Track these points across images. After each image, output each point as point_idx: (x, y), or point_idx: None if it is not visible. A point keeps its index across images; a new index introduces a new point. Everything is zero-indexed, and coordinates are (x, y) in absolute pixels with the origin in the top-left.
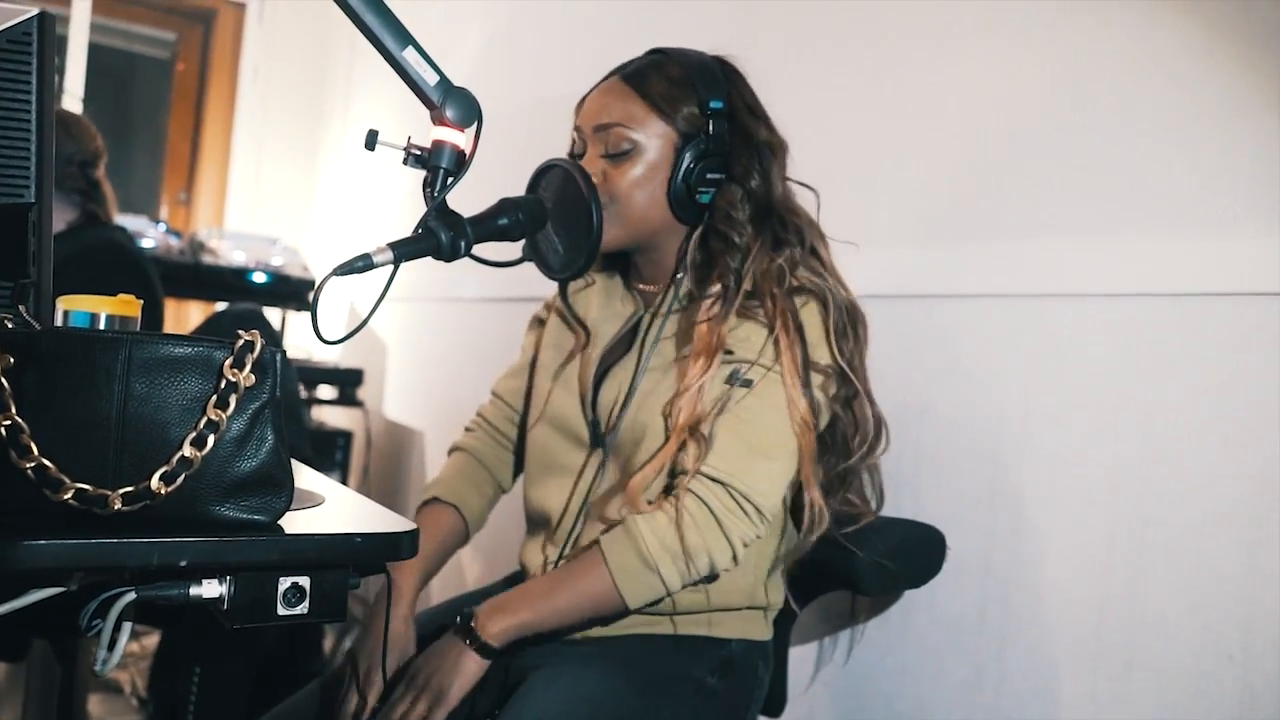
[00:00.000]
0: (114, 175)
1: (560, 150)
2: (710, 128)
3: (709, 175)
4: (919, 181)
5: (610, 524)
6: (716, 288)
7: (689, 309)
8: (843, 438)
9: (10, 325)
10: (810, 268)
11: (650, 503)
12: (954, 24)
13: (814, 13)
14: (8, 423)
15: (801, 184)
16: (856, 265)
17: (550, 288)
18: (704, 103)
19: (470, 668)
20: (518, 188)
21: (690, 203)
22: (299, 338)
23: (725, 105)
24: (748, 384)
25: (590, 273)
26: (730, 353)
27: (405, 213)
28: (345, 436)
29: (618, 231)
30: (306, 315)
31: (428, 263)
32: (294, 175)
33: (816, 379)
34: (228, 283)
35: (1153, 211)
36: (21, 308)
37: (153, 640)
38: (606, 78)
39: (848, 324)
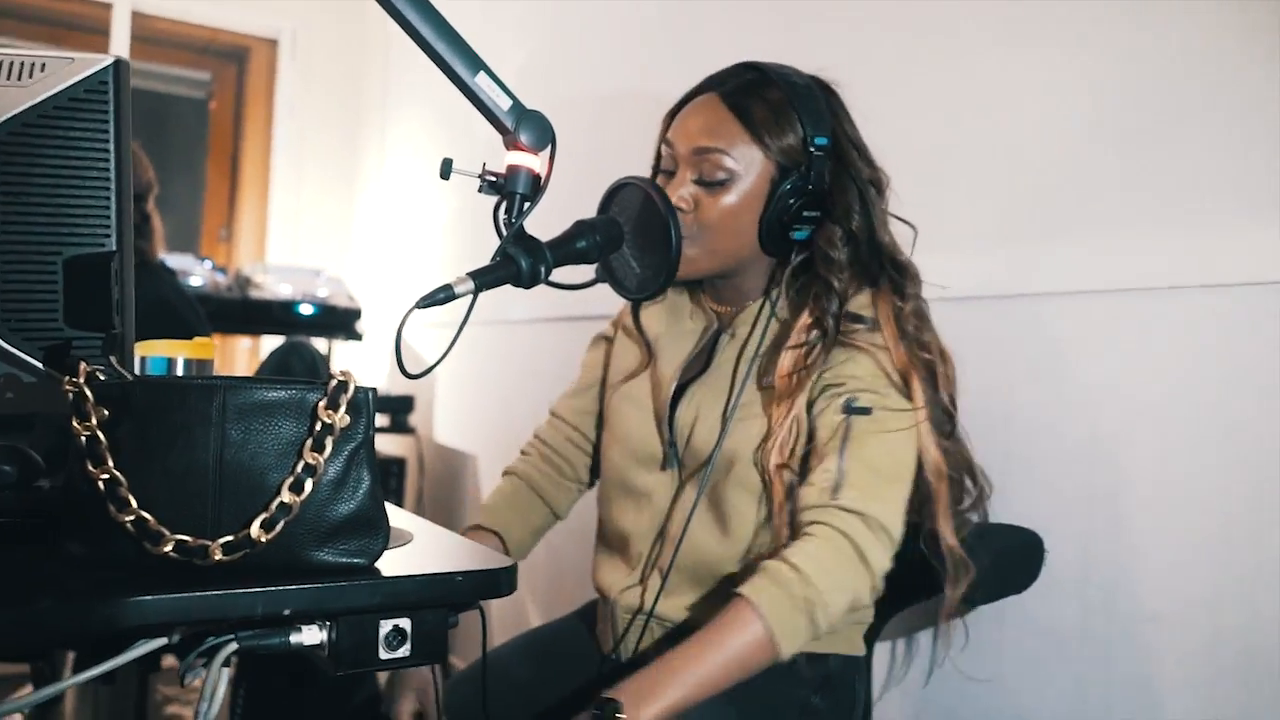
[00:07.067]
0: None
1: (600, 155)
2: (811, 164)
3: (805, 214)
4: (1003, 178)
5: (728, 576)
6: (805, 320)
7: (778, 336)
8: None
9: (102, 377)
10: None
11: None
12: (1030, 15)
13: (884, 6)
14: (106, 476)
15: (899, 219)
16: (941, 266)
17: (607, 305)
18: (806, 138)
19: None
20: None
21: (782, 238)
22: (347, 368)
23: (830, 142)
24: (865, 411)
25: None
26: (841, 384)
27: (446, 237)
28: (398, 463)
29: (706, 262)
30: (353, 345)
31: None
32: (333, 206)
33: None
34: (275, 316)
35: (1253, 199)
36: (112, 359)
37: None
38: (700, 92)
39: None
